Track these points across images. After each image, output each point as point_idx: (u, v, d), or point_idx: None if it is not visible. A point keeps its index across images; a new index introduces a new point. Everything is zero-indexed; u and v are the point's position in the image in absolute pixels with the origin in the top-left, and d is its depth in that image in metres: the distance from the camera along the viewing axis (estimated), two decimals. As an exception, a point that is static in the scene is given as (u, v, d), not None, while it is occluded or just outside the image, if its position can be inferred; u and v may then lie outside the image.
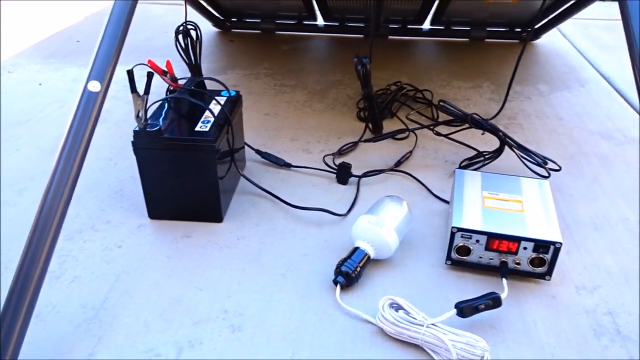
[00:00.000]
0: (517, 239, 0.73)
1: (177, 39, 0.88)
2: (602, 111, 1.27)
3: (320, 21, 1.78)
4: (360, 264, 0.75)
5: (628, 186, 0.98)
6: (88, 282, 0.76)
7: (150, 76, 0.75)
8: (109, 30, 0.68)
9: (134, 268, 0.78)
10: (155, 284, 0.76)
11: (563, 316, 0.71)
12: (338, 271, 0.74)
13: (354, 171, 0.99)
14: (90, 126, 0.66)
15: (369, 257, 0.76)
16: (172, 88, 0.88)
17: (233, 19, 1.82)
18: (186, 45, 0.90)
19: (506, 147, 0.98)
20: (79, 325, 0.69)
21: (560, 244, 0.72)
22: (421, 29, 1.76)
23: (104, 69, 0.66)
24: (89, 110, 0.65)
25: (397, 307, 0.69)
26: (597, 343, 0.67)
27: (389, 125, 1.17)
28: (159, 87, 0.90)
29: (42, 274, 0.61)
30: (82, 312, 0.71)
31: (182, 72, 0.93)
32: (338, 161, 1.02)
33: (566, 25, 1.86)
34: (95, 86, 0.66)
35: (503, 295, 0.69)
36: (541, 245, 0.73)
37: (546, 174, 0.95)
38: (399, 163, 1.04)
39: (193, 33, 0.90)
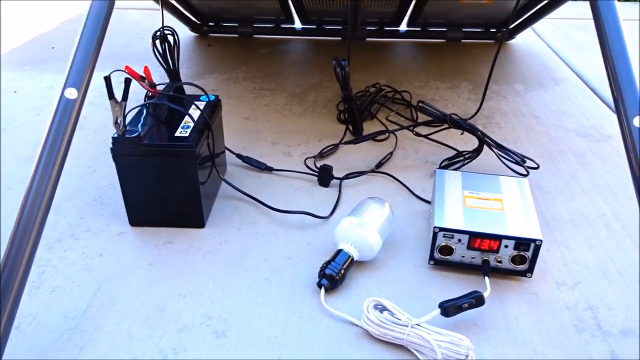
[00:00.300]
0: (498, 237, 0.74)
1: (154, 45, 0.88)
2: (578, 109, 1.30)
3: (298, 24, 1.78)
4: (344, 266, 0.75)
5: (605, 182, 1.00)
6: (69, 291, 0.75)
7: (127, 82, 0.74)
8: (85, 36, 0.67)
9: (115, 276, 0.77)
10: (137, 291, 0.75)
11: (545, 313, 0.72)
12: (322, 274, 0.75)
13: (336, 173, 1.00)
14: (68, 134, 0.65)
15: (352, 259, 0.76)
16: (150, 94, 0.87)
17: (210, 24, 1.81)
18: (164, 50, 0.89)
19: (485, 147, 0.99)
20: (61, 335, 0.68)
21: (541, 241, 0.73)
22: (398, 30, 1.77)
23: (80, 76, 0.66)
24: (66, 117, 0.64)
25: (382, 309, 0.69)
26: (578, 339, 0.68)
27: (369, 127, 1.18)
28: (138, 94, 0.90)
29: (22, 284, 0.60)
30: (64, 322, 0.70)
31: (160, 77, 0.92)
32: (319, 164, 1.02)
33: (540, 25, 1.89)
34: (72, 93, 0.65)
35: (486, 294, 0.70)
36: (522, 243, 0.74)
37: (525, 172, 0.97)
38: (380, 164, 1.04)
39: (170, 38, 0.89)
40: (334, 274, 0.74)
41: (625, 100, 0.65)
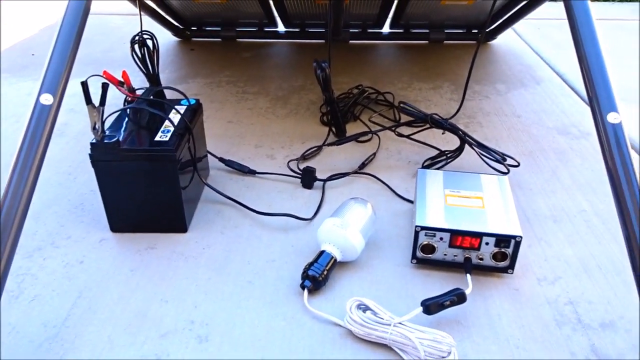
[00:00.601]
0: (479, 235, 0.75)
1: (133, 49, 0.87)
2: (558, 107, 1.31)
3: (281, 27, 1.78)
4: (327, 267, 0.75)
5: (584, 179, 1.01)
6: (49, 300, 0.74)
7: (105, 87, 0.74)
8: (60, 40, 0.67)
9: (96, 283, 0.77)
10: (119, 298, 0.74)
11: (526, 308, 0.73)
12: (305, 275, 0.74)
13: (319, 175, 1.00)
14: (44, 140, 0.64)
15: (335, 260, 0.76)
16: (129, 99, 0.87)
17: (193, 28, 1.81)
18: (143, 55, 0.89)
19: (467, 146, 1.00)
20: (40, 345, 0.67)
21: (521, 237, 0.73)
22: (381, 32, 1.78)
23: (56, 81, 0.65)
24: (42, 123, 0.64)
25: (365, 308, 0.69)
26: (559, 333, 0.69)
27: (352, 129, 1.18)
28: (119, 99, 0.89)
29: (-2, 293, 0.59)
30: (44, 331, 0.69)
31: (141, 82, 0.92)
32: (302, 166, 1.02)
33: (521, 25, 1.91)
34: (47, 99, 0.64)
35: (467, 291, 0.70)
36: (502, 240, 0.74)
37: (505, 170, 0.98)
38: (363, 165, 1.05)
39: (150, 42, 0.89)
40: (317, 275, 0.74)
41: (599, 97, 0.66)
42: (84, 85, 0.72)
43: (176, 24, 1.76)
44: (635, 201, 0.61)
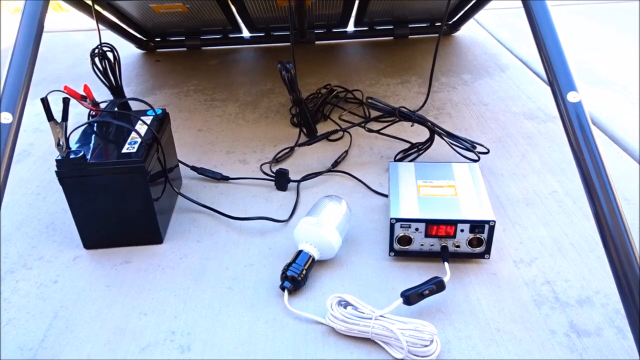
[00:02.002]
0: (454, 222, 0.75)
1: (93, 62, 0.86)
2: (524, 93, 1.33)
3: (246, 33, 1.78)
4: (306, 267, 0.75)
5: (553, 161, 1.03)
6: (24, 322, 0.72)
7: (66, 102, 0.72)
8: (16, 57, 0.66)
9: (72, 302, 0.75)
10: (96, 315, 0.73)
11: (505, 291, 0.73)
12: (284, 276, 0.74)
13: (292, 176, 0.99)
14: (7, 159, 0.63)
15: (313, 259, 0.76)
16: (93, 113, 0.86)
17: (157, 39, 1.79)
18: (104, 67, 0.88)
19: (437, 136, 1.01)
20: (18, 369, 0.66)
21: (494, 222, 0.74)
22: (346, 31, 1.78)
23: (14, 99, 0.64)
24: (3, 143, 0.62)
25: (346, 304, 0.69)
26: (538, 312, 0.70)
27: (323, 128, 1.18)
28: (85, 114, 0.88)
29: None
30: (20, 354, 0.67)
31: (106, 95, 0.90)
32: (275, 168, 1.02)
33: (482, 15, 1.94)
34: (7, 118, 0.63)
35: (446, 279, 0.71)
36: (476, 226, 0.75)
37: (476, 158, 0.99)
38: (336, 163, 1.05)
39: (110, 55, 0.88)
40: (296, 276, 0.74)
41: (559, 78, 0.67)
42: (44, 101, 0.71)
43: (139, 36, 1.74)
44: (600, 177, 0.63)
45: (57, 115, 0.73)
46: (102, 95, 1.24)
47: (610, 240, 0.61)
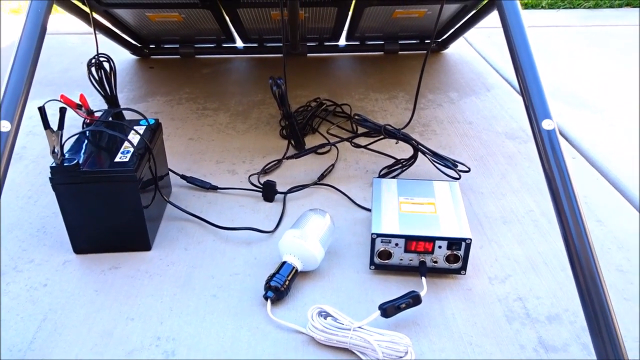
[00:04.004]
0: (432, 239, 0.79)
1: (90, 72, 0.89)
2: (507, 113, 1.38)
3: (239, 43, 1.81)
4: (289, 278, 0.78)
5: (532, 181, 1.07)
6: (13, 324, 0.74)
7: (62, 111, 0.75)
8: (17, 66, 0.68)
9: (61, 305, 0.77)
10: (84, 319, 0.75)
11: (479, 306, 0.77)
12: (268, 286, 0.77)
13: (279, 188, 1.02)
14: (3, 167, 0.65)
15: (296, 270, 0.79)
16: (88, 121, 0.88)
17: (151, 46, 1.81)
18: (100, 77, 0.90)
19: (421, 154, 1.04)
20: (6, 369, 0.68)
21: (470, 240, 0.78)
22: (338, 45, 1.82)
23: (13, 108, 0.66)
24: (1, 150, 0.65)
25: (326, 315, 0.72)
26: (509, 328, 0.73)
27: (311, 141, 1.21)
28: (79, 121, 0.90)
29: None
30: (9, 355, 0.69)
31: (100, 103, 0.93)
32: (263, 180, 1.05)
33: (471, 34, 1.99)
34: (5, 126, 0.65)
35: (422, 293, 0.74)
36: (454, 243, 0.78)
37: (457, 176, 1.02)
38: (322, 177, 1.08)
39: (106, 65, 0.90)
40: (279, 286, 0.76)
41: (534, 105, 0.71)
42: (42, 110, 0.73)
43: (134, 42, 1.77)
44: (569, 200, 0.66)
45: (53, 122, 0.75)
46: (96, 100, 1.27)
47: (576, 260, 0.64)
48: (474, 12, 1.58)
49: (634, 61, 1.75)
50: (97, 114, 0.91)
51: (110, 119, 0.92)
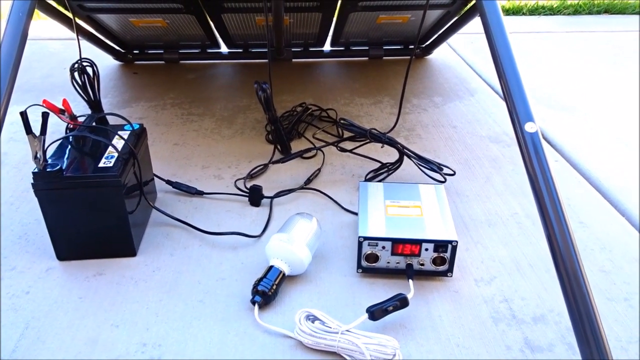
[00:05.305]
0: (418, 242, 0.79)
1: (72, 77, 0.88)
2: (490, 117, 1.39)
3: (224, 49, 1.80)
4: (276, 282, 0.77)
5: (516, 183, 1.08)
6: (-5, 333, 0.73)
7: (45, 116, 0.74)
8: (-2, 73, 0.67)
9: (44, 313, 0.76)
10: (68, 326, 0.74)
11: (465, 308, 0.77)
12: (255, 291, 0.77)
13: (266, 192, 1.02)
14: (-16, 172, 0.64)
15: (283, 274, 0.79)
16: (71, 126, 0.87)
17: (135, 51, 1.80)
18: (83, 82, 0.89)
19: (406, 157, 1.05)
20: (-13, 379, 0.66)
21: (456, 242, 0.78)
22: (323, 50, 1.83)
23: (-5, 113, 0.65)
24: (-18, 155, 0.64)
25: (314, 319, 0.72)
26: (495, 329, 0.74)
27: (297, 146, 1.21)
28: (62, 126, 0.89)
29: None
30: (-10, 365, 0.68)
31: (84, 109, 0.92)
32: (249, 184, 1.05)
33: (455, 39, 2.01)
34: (-14, 131, 0.64)
35: (409, 296, 0.74)
36: (440, 245, 0.79)
37: (442, 179, 1.03)
38: (308, 181, 1.08)
39: (89, 70, 0.90)
40: (267, 290, 0.76)
41: (517, 109, 0.72)
42: (24, 115, 0.72)
43: (117, 47, 1.75)
44: (553, 202, 0.67)
45: (35, 127, 0.74)
46: (79, 105, 1.25)
47: (560, 262, 0.65)
48: (456, 18, 1.60)
49: (614, 66, 1.78)
50: (81, 119, 0.90)
51: (94, 124, 0.91)
